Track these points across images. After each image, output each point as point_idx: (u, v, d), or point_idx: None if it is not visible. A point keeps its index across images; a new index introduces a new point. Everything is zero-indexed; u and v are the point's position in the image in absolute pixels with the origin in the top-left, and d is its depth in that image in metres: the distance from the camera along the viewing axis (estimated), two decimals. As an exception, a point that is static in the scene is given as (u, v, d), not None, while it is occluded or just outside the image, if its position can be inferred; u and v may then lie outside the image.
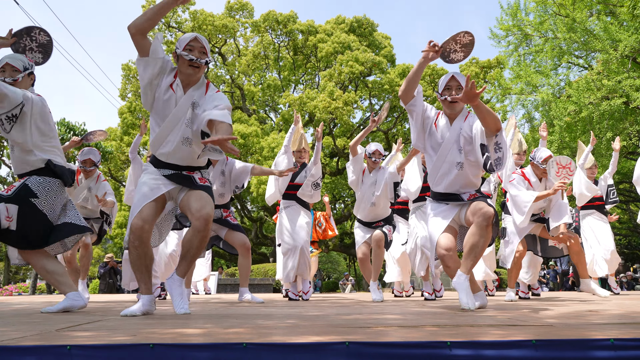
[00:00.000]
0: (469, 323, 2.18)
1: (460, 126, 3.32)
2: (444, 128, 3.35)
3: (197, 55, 2.97)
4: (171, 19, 21.03)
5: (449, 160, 3.32)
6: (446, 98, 3.32)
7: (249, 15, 21.78)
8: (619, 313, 2.80)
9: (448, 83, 3.34)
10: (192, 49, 2.98)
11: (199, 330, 1.97)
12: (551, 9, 15.06)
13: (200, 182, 3.04)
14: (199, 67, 2.97)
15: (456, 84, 3.32)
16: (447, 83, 3.34)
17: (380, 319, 2.43)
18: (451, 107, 3.33)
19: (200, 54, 2.99)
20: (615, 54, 12.70)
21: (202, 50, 3.00)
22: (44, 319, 2.66)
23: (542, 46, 15.15)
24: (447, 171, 3.34)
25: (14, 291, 15.06)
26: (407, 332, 1.85)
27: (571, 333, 1.76)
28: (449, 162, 3.32)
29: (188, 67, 2.96)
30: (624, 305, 3.75)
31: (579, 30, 13.67)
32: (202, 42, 3.02)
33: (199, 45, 3.00)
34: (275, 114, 22.42)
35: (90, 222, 5.34)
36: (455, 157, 3.31)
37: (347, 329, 1.94)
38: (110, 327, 2.15)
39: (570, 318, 2.46)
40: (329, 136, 19.45)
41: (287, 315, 2.76)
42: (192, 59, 2.94)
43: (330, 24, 21.42)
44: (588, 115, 12.79)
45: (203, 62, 2.97)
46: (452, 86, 3.33)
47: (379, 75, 19.89)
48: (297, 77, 22.55)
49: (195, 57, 2.96)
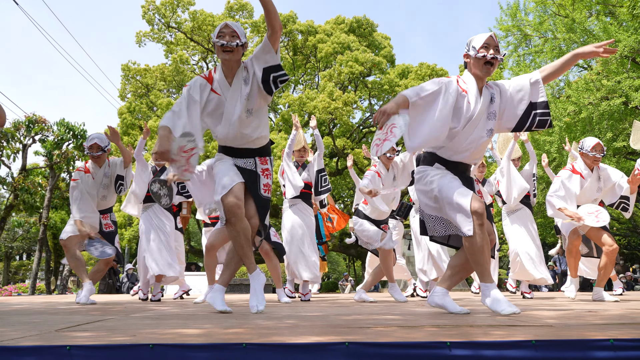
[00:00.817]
0: (468, 323, 2.18)
1: (490, 93, 2.99)
2: (473, 98, 2.95)
3: (228, 39, 3.09)
4: (171, 20, 21.02)
5: (481, 129, 2.97)
6: (485, 55, 2.92)
7: (249, 15, 21.78)
8: (618, 313, 2.80)
9: (487, 41, 2.96)
10: (222, 35, 3.12)
11: (199, 330, 1.97)
12: (550, 9, 15.07)
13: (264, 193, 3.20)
14: (232, 51, 3.08)
15: (494, 44, 2.98)
16: (486, 41, 2.96)
17: (379, 319, 2.43)
18: (487, 70, 2.95)
19: (232, 38, 3.11)
20: (614, 54, 12.70)
21: (232, 34, 3.12)
22: (43, 319, 2.66)
23: (541, 46, 15.15)
24: (475, 141, 2.97)
25: (13, 291, 15.06)
26: (407, 332, 1.84)
27: (571, 333, 1.76)
28: (480, 131, 2.97)
29: (222, 52, 3.09)
30: (623, 305, 3.76)
31: (579, 30, 13.68)
32: (232, 27, 3.15)
33: (229, 30, 3.13)
34: (275, 114, 22.41)
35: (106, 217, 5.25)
36: (488, 125, 2.98)
37: (347, 329, 1.94)
38: (110, 328, 2.15)
39: (570, 318, 2.46)
40: (329, 136, 19.45)
41: (287, 316, 2.76)
42: (223, 44, 3.06)
43: (330, 24, 21.42)
44: (587, 115, 12.79)
45: (234, 45, 3.07)
46: (490, 44, 2.97)
47: (379, 75, 19.90)
48: (296, 77, 22.54)
49: (227, 41, 3.07)
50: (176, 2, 20.45)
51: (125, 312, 3.36)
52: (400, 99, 2.84)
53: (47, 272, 17.75)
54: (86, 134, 14.71)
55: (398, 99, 2.85)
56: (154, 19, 20.92)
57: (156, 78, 20.88)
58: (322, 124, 18.96)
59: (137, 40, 21.36)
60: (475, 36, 3.02)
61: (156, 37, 21.43)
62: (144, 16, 20.66)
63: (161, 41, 21.51)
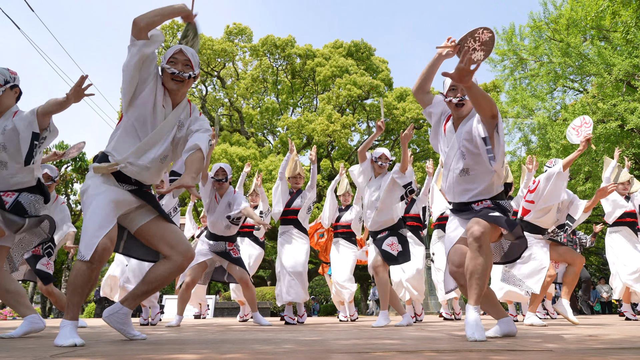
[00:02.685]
0: (468, 348, 2.16)
1: (464, 130, 2.94)
2: (449, 134, 3.01)
3: (181, 68, 2.77)
4: (170, 43, 21.27)
5: (454, 168, 2.99)
6: (451, 100, 2.93)
7: (248, 39, 22.08)
8: (619, 338, 2.78)
9: (453, 84, 2.92)
10: (175, 61, 2.78)
11: (196, 355, 1.95)
12: (545, 34, 15.30)
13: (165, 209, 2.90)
14: (182, 81, 2.76)
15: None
16: (452, 84, 2.93)
17: (378, 344, 2.41)
18: (457, 111, 2.95)
19: (184, 67, 2.78)
20: (609, 77, 12.86)
21: (186, 63, 2.79)
22: (38, 344, 2.63)
23: (537, 70, 15.35)
24: (453, 180, 3.01)
25: (8, 315, 14.88)
26: (406, 357, 1.83)
27: (571, 358, 1.74)
28: (454, 171, 2.99)
29: (171, 80, 2.75)
30: (624, 329, 3.73)
31: (574, 54, 13.88)
32: (187, 55, 2.80)
33: (183, 58, 2.79)
34: (273, 137, 22.53)
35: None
36: (459, 164, 2.96)
37: (346, 355, 1.92)
38: (106, 353, 2.12)
39: (570, 343, 2.44)
40: (327, 159, 19.52)
41: (285, 340, 2.73)
42: (174, 72, 2.73)
43: (328, 48, 21.71)
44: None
45: (186, 76, 2.76)
46: (457, 87, 2.92)
47: (377, 98, 20.09)
48: (295, 100, 22.74)
49: (178, 70, 2.75)
50: (176, 26, 20.73)
51: (120, 336, 3.32)
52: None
53: (43, 296, 17.60)
54: (85, 156, 14.75)
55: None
56: (154, 42, 21.17)
57: (155, 101, 21.01)
58: (320, 146, 19.05)
59: (137, 64, 21.57)
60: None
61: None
62: (144, 40, 20.91)
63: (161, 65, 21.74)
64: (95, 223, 2.55)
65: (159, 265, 2.77)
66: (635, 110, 12.29)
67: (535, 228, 4.81)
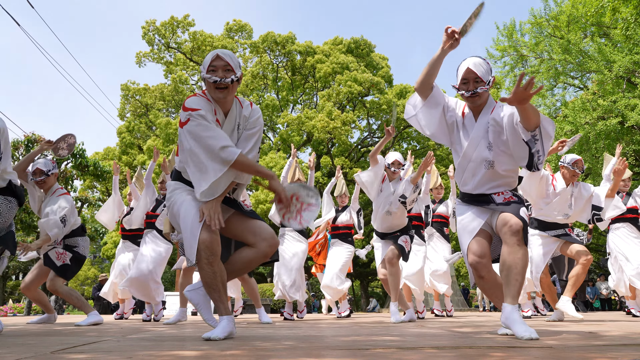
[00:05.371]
0: (468, 345, 2.16)
1: (487, 120, 2.88)
2: (468, 124, 2.94)
3: (222, 75, 2.62)
4: (170, 40, 21.24)
5: (476, 159, 2.89)
6: (463, 93, 2.87)
7: (248, 36, 22.05)
8: (619, 334, 2.78)
9: (464, 76, 2.86)
10: (215, 69, 2.64)
11: (196, 352, 1.95)
12: (546, 30, 15.28)
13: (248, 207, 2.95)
14: (226, 87, 2.63)
15: (473, 77, 2.83)
16: (464, 76, 2.86)
17: (378, 341, 2.41)
18: (472, 101, 2.89)
19: (226, 73, 2.63)
20: (609, 74, 12.85)
21: (226, 68, 2.63)
22: (39, 341, 2.63)
23: (537, 67, 15.33)
24: (474, 171, 2.91)
25: (8, 312, 14.92)
26: (406, 354, 1.83)
27: (571, 355, 1.75)
28: (476, 161, 2.89)
29: (215, 90, 2.62)
30: (624, 326, 3.73)
31: (574, 51, 13.85)
32: (225, 59, 2.64)
33: (222, 63, 2.63)
34: (273, 134, 22.51)
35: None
36: (484, 155, 2.88)
37: (346, 351, 1.93)
38: (106, 349, 2.13)
39: (570, 340, 2.44)
40: (327, 155, 19.52)
41: (285, 337, 2.74)
42: (215, 81, 2.60)
43: (328, 44, 21.67)
44: (584, 135, 12.88)
45: (229, 81, 2.61)
46: (469, 79, 2.86)
47: (377, 95, 20.07)
48: (295, 97, 22.71)
49: (220, 77, 2.61)
50: (176, 23, 20.70)
51: (121, 333, 3.33)
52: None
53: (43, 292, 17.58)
54: (85, 153, 14.74)
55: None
56: (154, 39, 21.15)
57: (155, 98, 21.02)
58: (320, 143, 19.05)
59: (137, 61, 21.56)
60: (460, 65, 2.92)
61: (156, 58, 21.64)
62: (144, 37, 20.89)
63: (161, 61, 21.71)
64: (187, 229, 2.59)
65: (244, 249, 2.76)
66: (635, 107, 12.28)
67: (542, 223, 4.90)
